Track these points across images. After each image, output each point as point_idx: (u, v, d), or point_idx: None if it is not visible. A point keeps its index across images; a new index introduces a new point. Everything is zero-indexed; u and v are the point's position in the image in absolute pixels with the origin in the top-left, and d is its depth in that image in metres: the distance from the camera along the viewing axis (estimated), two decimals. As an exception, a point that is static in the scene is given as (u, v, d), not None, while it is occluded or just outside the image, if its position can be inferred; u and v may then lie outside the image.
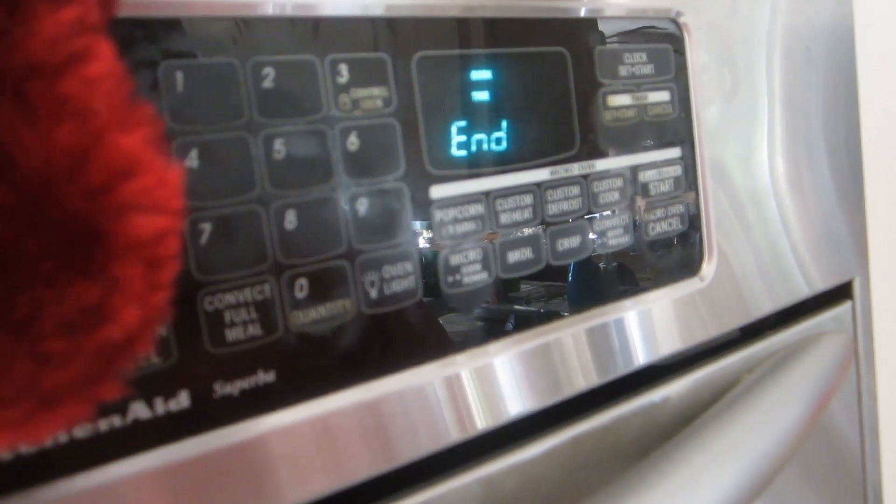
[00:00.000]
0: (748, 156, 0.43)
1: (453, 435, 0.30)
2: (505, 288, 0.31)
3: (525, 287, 0.32)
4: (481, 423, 0.30)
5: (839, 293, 0.51)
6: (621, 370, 0.36)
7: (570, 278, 0.34)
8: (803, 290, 0.46)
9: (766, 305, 0.43)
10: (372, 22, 0.28)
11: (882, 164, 0.55)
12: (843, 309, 0.50)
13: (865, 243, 0.52)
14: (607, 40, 0.35)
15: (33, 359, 0.14)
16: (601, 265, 0.35)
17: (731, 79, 0.42)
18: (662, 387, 0.38)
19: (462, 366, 0.30)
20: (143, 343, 0.15)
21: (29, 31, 0.14)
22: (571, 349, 0.33)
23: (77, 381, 0.14)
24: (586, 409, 0.36)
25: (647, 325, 0.37)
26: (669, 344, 0.38)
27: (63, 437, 0.21)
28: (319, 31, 0.26)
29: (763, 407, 0.38)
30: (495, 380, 0.31)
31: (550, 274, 0.33)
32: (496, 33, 0.31)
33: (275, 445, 0.25)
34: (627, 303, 0.36)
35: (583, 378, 0.34)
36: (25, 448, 0.21)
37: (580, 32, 0.34)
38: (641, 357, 0.36)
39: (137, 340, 0.15)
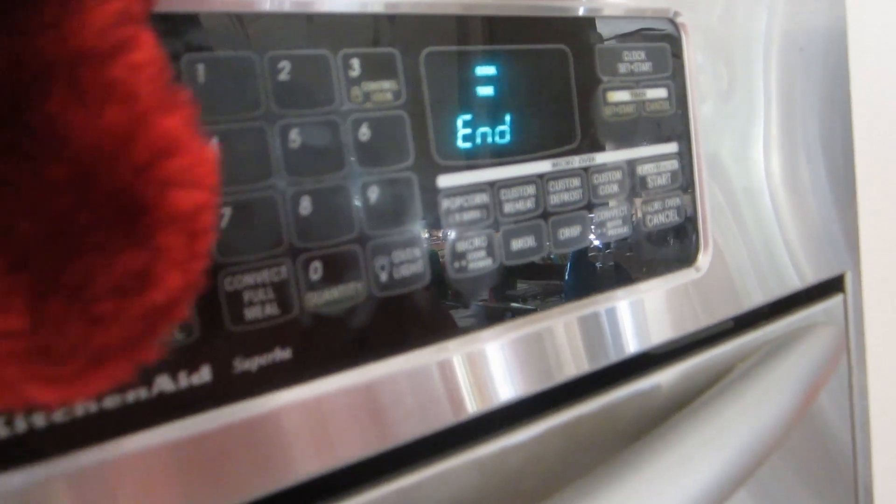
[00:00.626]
0: (744, 152, 0.45)
1: (452, 416, 0.31)
2: (504, 284, 0.33)
3: (522, 286, 0.34)
4: (474, 406, 0.32)
5: (831, 286, 0.52)
6: (612, 358, 0.37)
7: (568, 267, 0.35)
8: (796, 282, 0.48)
9: (758, 297, 0.45)
10: (382, 18, 0.29)
11: (874, 161, 0.56)
12: (834, 302, 0.52)
13: (857, 238, 0.53)
14: (607, 39, 0.37)
15: (85, 320, 0.15)
16: (599, 255, 0.36)
17: (728, 78, 0.43)
18: (655, 374, 0.40)
19: (458, 350, 0.31)
20: (182, 308, 0.16)
21: (79, 22, 0.15)
22: (563, 337, 0.35)
23: (124, 342, 0.15)
24: (584, 395, 0.37)
25: (642, 314, 0.38)
26: (662, 333, 0.39)
27: (92, 407, 0.23)
28: (333, 27, 0.28)
29: (753, 395, 0.40)
30: (495, 364, 0.32)
31: (549, 271, 0.34)
32: (501, 31, 0.33)
33: (288, 420, 0.26)
34: (623, 292, 0.37)
35: (574, 365, 0.35)
36: (57, 416, 0.22)
37: (581, 31, 0.36)
38: (633, 345, 0.38)
39: (178, 305, 0.16)
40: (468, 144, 0.31)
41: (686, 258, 0.40)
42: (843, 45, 0.54)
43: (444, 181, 0.30)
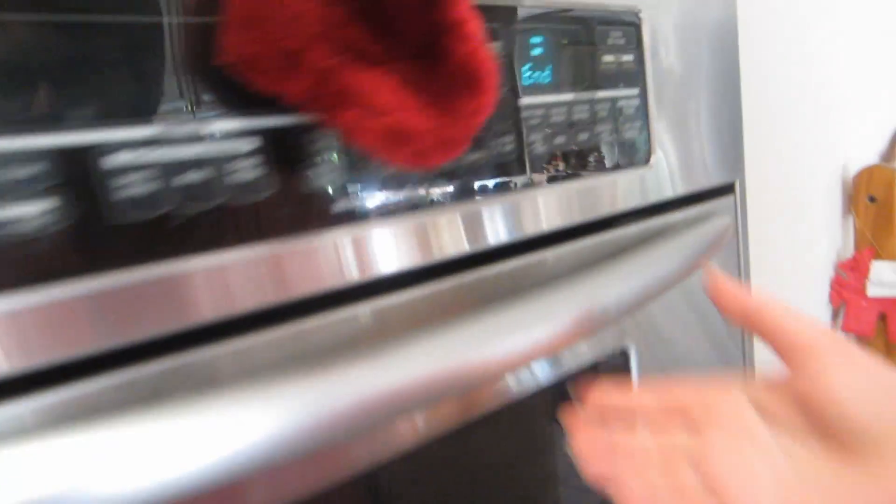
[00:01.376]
0: (679, 97, 0.70)
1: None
2: (546, 161, 0.57)
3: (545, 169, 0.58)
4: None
5: (727, 190, 0.80)
6: (591, 216, 0.62)
7: (576, 160, 0.60)
8: (703, 183, 0.75)
9: (668, 192, 0.71)
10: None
11: (756, 111, 0.83)
12: (728, 201, 0.79)
13: (743, 160, 0.81)
14: (602, 23, 0.61)
15: (456, 128, 0.38)
16: (594, 154, 0.61)
17: (675, 50, 0.69)
18: (583, 241, 0.65)
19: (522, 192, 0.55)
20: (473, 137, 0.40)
21: (457, 6, 0.38)
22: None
23: (467, 139, 0.39)
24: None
25: (619, 190, 0.63)
26: (628, 204, 0.64)
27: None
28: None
29: (657, 251, 0.65)
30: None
31: (567, 158, 0.59)
32: (550, 17, 0.57)
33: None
34: (602, 176, 0.62)
35: (554, 221, 0.60)
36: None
37: (589, 18, 0.60)
38: (607, 210, 0.63)
39: (476, 131, 0.40)
40: (531, 81, 0.55)
41: (643, 159, 0.66)
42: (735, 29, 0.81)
43: (524, 101, 0.54)
